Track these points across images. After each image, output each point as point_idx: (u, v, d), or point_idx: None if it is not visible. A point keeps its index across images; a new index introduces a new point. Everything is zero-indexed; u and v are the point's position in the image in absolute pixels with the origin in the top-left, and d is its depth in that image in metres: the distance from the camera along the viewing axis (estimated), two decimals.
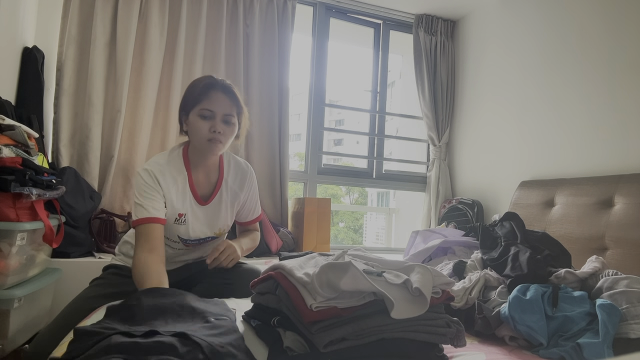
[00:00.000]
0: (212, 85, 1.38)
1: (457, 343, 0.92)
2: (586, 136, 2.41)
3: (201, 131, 1.36)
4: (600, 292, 1.20)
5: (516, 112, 2.90)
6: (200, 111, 1.37)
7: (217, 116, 1.37)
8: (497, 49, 3.12)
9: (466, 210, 3.04)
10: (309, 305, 0.82)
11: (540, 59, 2.74)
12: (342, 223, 9.16)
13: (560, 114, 2.57)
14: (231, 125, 1.40)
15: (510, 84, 2.97)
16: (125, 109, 2.58)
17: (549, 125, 2.64)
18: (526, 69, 2.84)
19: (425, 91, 3.40)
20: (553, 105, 2.62)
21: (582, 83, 2.45)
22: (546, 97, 2.68)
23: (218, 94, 1.38)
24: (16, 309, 1.56)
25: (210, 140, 1.37)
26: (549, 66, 2.67)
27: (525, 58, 2.86)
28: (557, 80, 2.61)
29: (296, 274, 0.89)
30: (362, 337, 0.83)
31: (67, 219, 2.03)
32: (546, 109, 2.67)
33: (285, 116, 2.98)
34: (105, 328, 0.85)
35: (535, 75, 2.77)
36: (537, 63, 2.76)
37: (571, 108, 2.51)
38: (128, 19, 2.58)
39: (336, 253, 1.05)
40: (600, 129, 2.33)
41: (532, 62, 2.80)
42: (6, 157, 1.49)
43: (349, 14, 3.42)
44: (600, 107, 2.34)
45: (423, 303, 0.85)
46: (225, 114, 1.38)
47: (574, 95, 2.49)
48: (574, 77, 2.50)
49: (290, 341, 0.86)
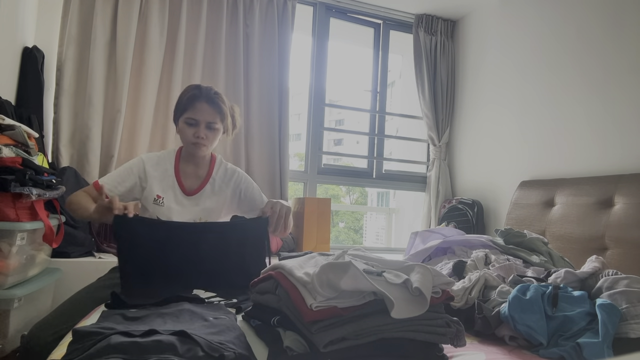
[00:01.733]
0: (196, 97, 1.57)
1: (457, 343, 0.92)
2: (586, 136, 2.41)
3: (187, 136, 1.58)
4: (600, 291, 1.20)
5: (516, 112, 2.90)
6: (186, 119, 1.57)
7: (200, 124, 1.56)
8: (497, 48, 3.12)
9: (466, 210, 3.04)
10: (309, 304, 0.82)
11: (540, 58, 2.74)
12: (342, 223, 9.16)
13: (560, 114, 2.57)
14: (214, 131, 1.60)
15: (510, 83, 2.97)
16: (125, 109, 2.58)
17: (549, 125, 2.64)
18: (526, 69, 2.84)
19: (425, 91, 3.40)
20: (553, 105, 2.62)
21: (582, 83, 2.45)
22: (546, 97, 2.68)
23: (202, 104, 1.56)
24: (16, 308, 1.56)
25: (194, 144, 1.57)
26: (548, 66, 2.67)
27: (525, 58, 2.86)
28: (557, 80, 2.61)
29: (296, 274, 0.89)
30: (362, 337, 0.83)
31: (67, 218, 2.03)
32: (546, 109, 2.67)
33: (285, 116, 2.98)
34: (104, 328, 0.85)
35: (535, 75, 2.77)
36: (537, 63, 2.76)
37: (571, 108, 2.51)
38: (128, 19, 2.58)
39: (336, 253, 1.05)
40: (600, 129, 2.33)
41: (532, 62, 2.80)
42: (6, 157, 1.49)
43: (349, 14, 3.42)
44: (600, 107, 2.34)
45: (423, 303, 0.85)
46: (208, 121, 1.57)
47: (574, 95, 2.49)
48: (574, 77, 2.50)
49: (290, 341, 0.86)
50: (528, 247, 1.66)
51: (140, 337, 0.81)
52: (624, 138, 2.21)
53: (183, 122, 1.57)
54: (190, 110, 1.56)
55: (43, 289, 1.77)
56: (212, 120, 1.57)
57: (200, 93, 1.57)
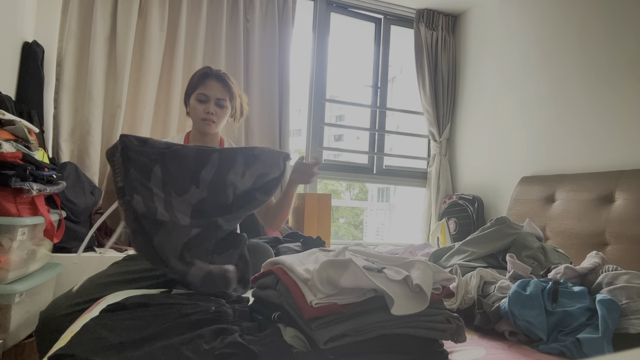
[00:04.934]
0: (207, 74, 1.66)
1: (457, 339, 0.92)
2: (587, 132, 2.40)
3: (197, 112, 1.65)
4: (600, 287, 1.20)
5: (517, 107, 2.89)
6: (197, 95, 1.65)
7: (210, 100, 1.64)
8: (498, 44, 3.11)
9: (466, 206, 3.04)
10: (309, 301, 0.82)
11: (542, 54, 2.73)
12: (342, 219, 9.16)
13: (561, 109, 2.57)
14: (223, 108, 1.67)
15: (511, 79, 2.96)
16: (126, 104, 2.58)
17: (549, 120, 2.64)
18: (527, 64, 2.83)
19: (426, 86, 3.39)
20: (554, 100, 2.62)
21: (583, 78, 2.44)
22: (547, 93, 2.67)
23: (212, 81, 1.65)
24: (17, 303, 1.56)
25: (204, 119, 1.64)
26: (550, 61, 2.66)
27: (526, 53, 2.85)
28: (558, 75, 2.60)
29: (296, 270, 0.90)
30: (363, 334, 0.83)
31: (67, 214, 2.03)
32: (547, 105, 2.66)
33: (285, 111, 2.97)
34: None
35: (536, 70, 2.76)
36: (538, 58, 2.75)
37: (572, 103, 2.50)
38: (128, 13, 2.57)
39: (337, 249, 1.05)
40: (601, 124, 2.33)
41: (533, 57, 2.79)
42: (7, 152, 1.48)
43: (349, 9, 3.40)
44: (601, 103, 2.34)
45: (423, 299, 0.85)
46: (218, 98, 1.65)
47: (575, 90, 2.49)
48: (575, 72, 2.49)
49: (290, 337, 0.87)
50: (520, 243, 1.65)
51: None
52: (624, 134, 2.21)
53: (194, 99, 1.65)
54: (201, 87, 1.64)
55: (44, 284, 1.77)
56: (222, 97, 1.65)
57: (211, 72, 1.67)
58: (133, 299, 1.07)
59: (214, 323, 0.93)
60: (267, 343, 0.84)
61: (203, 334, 0.86)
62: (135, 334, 0.86)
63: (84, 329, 0.90)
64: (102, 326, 0.89)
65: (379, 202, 6.07)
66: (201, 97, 1.64)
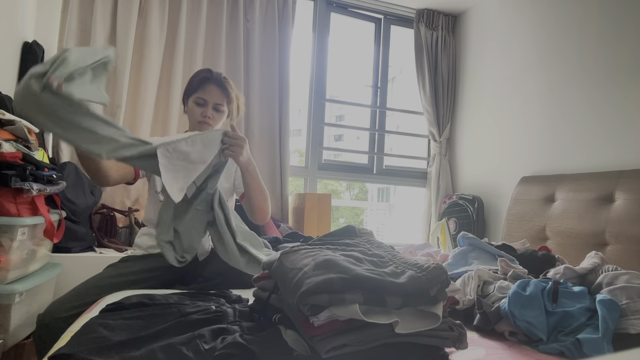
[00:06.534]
0: (207, 79, 1.67)
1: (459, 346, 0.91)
2: (587, 131, 2.40)
3: (195, 114, 1.67)
4: (600, 287, 1.20)
5: (517, 107, 2.89)
6: (196, 99, 1.67)
7: (208, 104, 1.66)
8: (498, 43, 3.11)
9: (466, 206, 3.04)
10: (310, 320, 0.80)
11: (541, 53, 2.73)
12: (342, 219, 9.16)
13: (561, 109, 2.57)
14: (220, 112, 1.69)
15: (511, 79, 2.96)
16: (125, 104, 2.58)
17: (549, 120, 2.64)
18: (527, 64, 2.83)
19: (426, 86, 3.39)
20: (554, 100, 2.62)
21: (583, 78, 2.44)
22: (547, 92, 2.67)
23: (212, 86, 1.66)
24: (17, 303, 1.56)
25: (201, 122, 1.66)
26: (550, 61, 2.66)
27: (526, 53, 2.85)
28: (558, 75, 2.60)
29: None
30: (365, 344, 0.81)
31: (67, 214, 2.03)
32: (547, 104, 2.66)
33: (285, 111, 2.97)
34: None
35: (536, 70, 2.76)
36: (538, 58, 2.75)
37: (572, 103, 2.50)
38: (128, 13, 2.57)
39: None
40: (601, 124, 2.33)
41: (533, 57, 2.79)
42: (6, 152, 1.48)
43: (349, 9, 3.40)
44: (600, 103, 2.34)
45: (433, 319, 0.82)
46: (216, 103, 1.67)
47: (575, 90, 2.49)
48: (575, 72, 2.49)
49: (291, 340, 0.86)
50: None
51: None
52: (624, 133, 2.21)
53: (193, 101, 1.67)
54: (200, 90, 1.66)
55: (44, 284, 1.77)
56: (219, 102, 1.67)
57: (211, 76, 1.68)
58: (133, 299, 1.07)
59: (214, 323, 0.93)
60: (267, 343, 0.84)
61: (203, 334, 0.86)
62: (135, 334, 0.86)
63: (84, 328, 0.90)
64: (102, 326, 0.89)
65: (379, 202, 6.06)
66: (200, 100, 1.66)
